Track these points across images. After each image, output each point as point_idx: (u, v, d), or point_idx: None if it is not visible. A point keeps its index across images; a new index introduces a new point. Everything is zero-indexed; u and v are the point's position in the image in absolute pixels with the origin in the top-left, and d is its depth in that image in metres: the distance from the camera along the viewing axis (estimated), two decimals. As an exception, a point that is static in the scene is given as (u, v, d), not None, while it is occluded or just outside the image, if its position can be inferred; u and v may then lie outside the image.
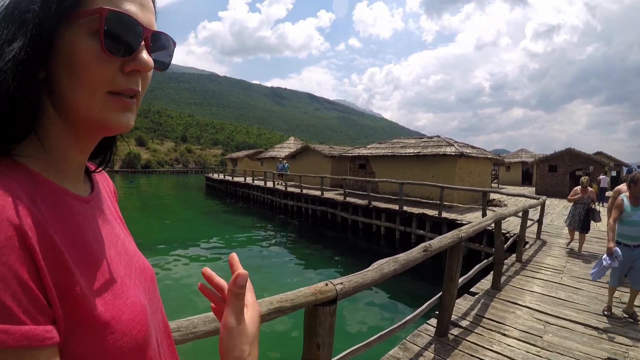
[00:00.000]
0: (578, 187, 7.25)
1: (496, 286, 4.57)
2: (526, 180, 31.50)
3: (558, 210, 14.39)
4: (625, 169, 28.64)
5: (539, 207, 8.42)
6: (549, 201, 17.93)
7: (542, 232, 8.54)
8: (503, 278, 5.06)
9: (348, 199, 15.21)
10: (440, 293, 3.19)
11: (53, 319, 0.35)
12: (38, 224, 0.37)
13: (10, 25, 0.38)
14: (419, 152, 14.22)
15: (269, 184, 21.99)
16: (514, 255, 6.42)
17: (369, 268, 1.96)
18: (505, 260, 6.24)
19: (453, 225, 10.39)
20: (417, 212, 11.80)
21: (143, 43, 0.44)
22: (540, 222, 8.40)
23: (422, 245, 2.51)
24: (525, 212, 6.42)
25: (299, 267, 10.69)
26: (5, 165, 0.39)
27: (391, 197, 13.85)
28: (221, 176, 35.64)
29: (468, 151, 13.85)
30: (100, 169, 0.57)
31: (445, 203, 11.22)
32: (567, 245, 7.46)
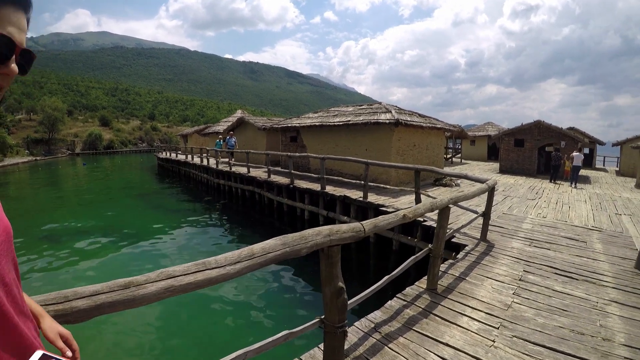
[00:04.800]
0: None
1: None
2: (492, 155, 29.57)
3: (522, 192, 11.74)
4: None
5: (486, 195, 5.79)
6: (512, 179, 15.70)
7: (489, 230, 6.09)
8: (372, 339, 2.71)
9: (273, 177, 12.92)
10: None
11: None
12: None
13: None
14: (349, 121, 11.69)
15: (212, 162, 19.52)
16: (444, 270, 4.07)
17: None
18: (409, 288, 3.82)
19: (379, 211, 8.15)
20: (338, 195, 9.49)
21: (13, 57, 0.65)
22: (486, 215, 5.83)
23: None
24: (444, 212, 3.76)
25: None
26: None
27: (314, 175, 11.53)
28: (166, 154, 33.67)
29: (407, 119, 11.38)
30: None
31: (373, 184, 8.90)
32: None
